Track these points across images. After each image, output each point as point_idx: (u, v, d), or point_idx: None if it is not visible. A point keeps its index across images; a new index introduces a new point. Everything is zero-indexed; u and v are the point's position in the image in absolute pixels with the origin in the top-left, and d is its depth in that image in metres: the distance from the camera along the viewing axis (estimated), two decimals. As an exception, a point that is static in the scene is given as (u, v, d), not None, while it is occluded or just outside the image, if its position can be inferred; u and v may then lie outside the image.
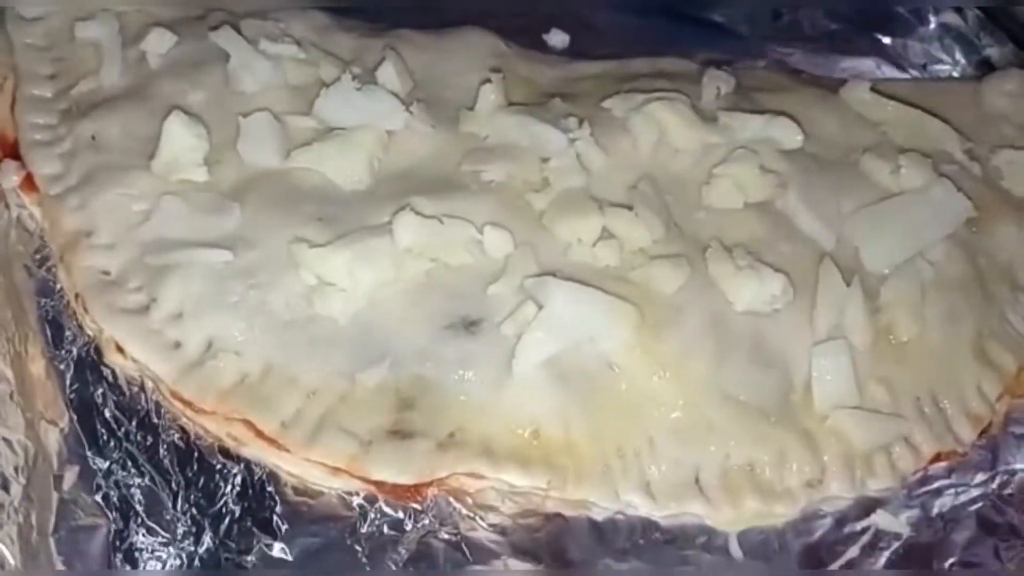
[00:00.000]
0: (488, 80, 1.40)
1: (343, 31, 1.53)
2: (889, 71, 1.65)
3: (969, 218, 1.34)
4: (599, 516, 1.21)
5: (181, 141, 1.33)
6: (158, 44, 1.44)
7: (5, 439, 1.17)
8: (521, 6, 1.65)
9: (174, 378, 1.24)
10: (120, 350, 1.26)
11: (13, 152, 1.40)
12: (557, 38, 1.65)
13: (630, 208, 1.29)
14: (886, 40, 1.68)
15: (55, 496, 1.18)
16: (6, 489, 1.14)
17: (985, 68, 1.64)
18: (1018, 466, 1.27)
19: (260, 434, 1.22)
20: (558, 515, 1.21)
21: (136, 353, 1.25)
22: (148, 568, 1.15)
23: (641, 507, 1.21)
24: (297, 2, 1.54)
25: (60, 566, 1.14)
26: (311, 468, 1.21)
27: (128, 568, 1.15)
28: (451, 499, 1.20)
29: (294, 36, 1.46)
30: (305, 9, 1.54)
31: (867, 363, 1.26)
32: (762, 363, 1.25)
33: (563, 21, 1.66)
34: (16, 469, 1.16)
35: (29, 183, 1.38)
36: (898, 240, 1.31)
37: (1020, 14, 1.64)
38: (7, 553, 1.10)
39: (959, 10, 1.68)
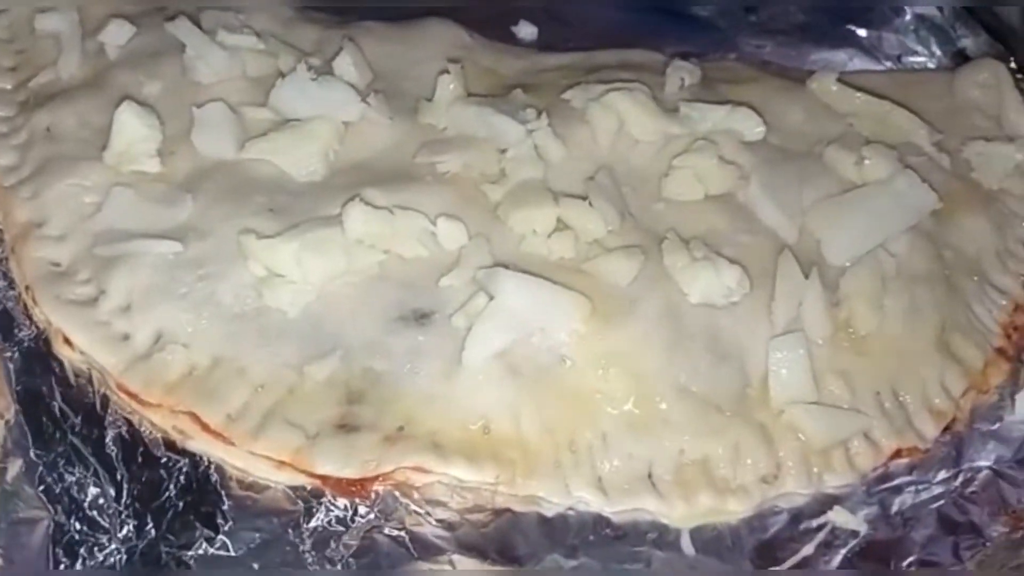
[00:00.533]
0: (446, 71, 1.38)
1: (307, 23, 1.52)
2: (863, 63, 1.60)
3: (935, 210, 1.31)
4: (549, 512, 1.18)
5: (133, 132, 1.31)
6: (117, 35, 1.43)
7: (-53, 429, 1.16)
8: (491, -2, 1.63)
9: (120, 370, 1.22)
10: (68, 342, 1.25)
11: (-31, 145, 1.39)
12: (525, 30, 1.62)
13: (585, 199, 1.27)
14: (861, 32, 1.63)
15: (-4, 488, 1.17)
16: (-56, 479, 1.13)
17: (960, 59, 1.59)
18: (982, 463, 1.23)
19: (206, 427, 1.20)
20: (507, 510, 1.18)
21: (82, 345, 1.24)
22: (89, 563, 1.14)
23: (593, 503, 1.18)
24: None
25: (-2, 558, 1.13)
26: (257, 462, 1.19)
27: (67, 561, 1.13)
28: (398, 494, 1.17)
29: (255, 28, 1.44)
30: (272, 1, 1.53)
31: (826, 356, 1.23)
32: (718, 356, 1.22)
33: (532, 13, 1.63)
34: (-45, 460, 1.15)
35: (-14, 175, 1.37)
36: (859, 232, 1.28)
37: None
38: (-57, 542, 1.08)
39: (937, 1, 1.65)
